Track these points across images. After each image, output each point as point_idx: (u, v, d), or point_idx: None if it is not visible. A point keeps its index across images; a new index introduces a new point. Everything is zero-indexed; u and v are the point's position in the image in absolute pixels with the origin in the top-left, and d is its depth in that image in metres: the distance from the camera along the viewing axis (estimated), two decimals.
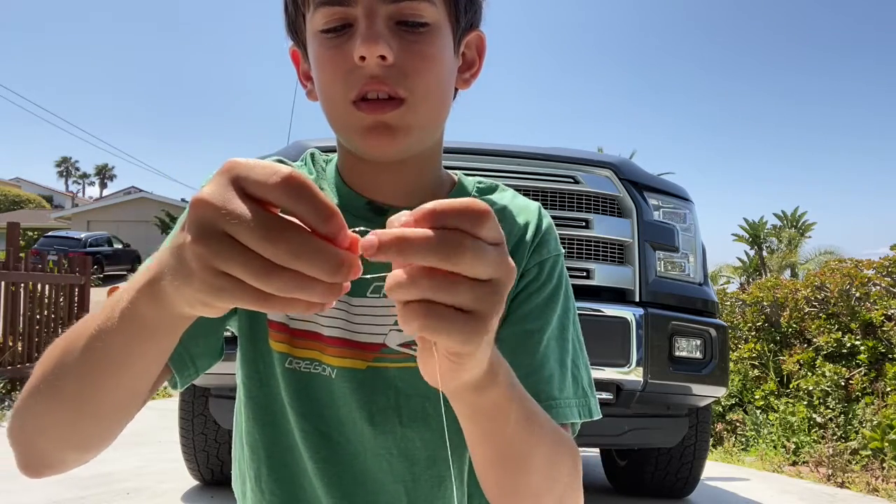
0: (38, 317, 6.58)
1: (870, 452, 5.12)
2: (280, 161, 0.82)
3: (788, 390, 6.54)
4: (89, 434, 0.60)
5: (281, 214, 0.40)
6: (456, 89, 0.79)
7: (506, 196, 0.83)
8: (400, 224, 0.40)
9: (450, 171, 0.84)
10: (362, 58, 0.66)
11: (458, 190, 0.82)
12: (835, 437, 5.51)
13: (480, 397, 0.52)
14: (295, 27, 0.76)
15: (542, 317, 0.74)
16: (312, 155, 0.84)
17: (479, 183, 0.84)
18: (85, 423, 0.59)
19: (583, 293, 2.90)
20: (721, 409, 6.81)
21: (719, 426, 6.50)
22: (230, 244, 0.39)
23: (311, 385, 0.75)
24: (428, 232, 0.39)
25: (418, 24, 0.69)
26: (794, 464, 5.44)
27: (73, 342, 0.56)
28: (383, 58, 0.66)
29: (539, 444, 0.59)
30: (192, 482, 3.55)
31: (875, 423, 5.33)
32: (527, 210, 0.81)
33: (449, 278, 0.40)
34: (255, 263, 0.39)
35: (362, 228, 0.42)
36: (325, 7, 0.69)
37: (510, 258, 0.42)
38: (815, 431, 5.85)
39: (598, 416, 0.76)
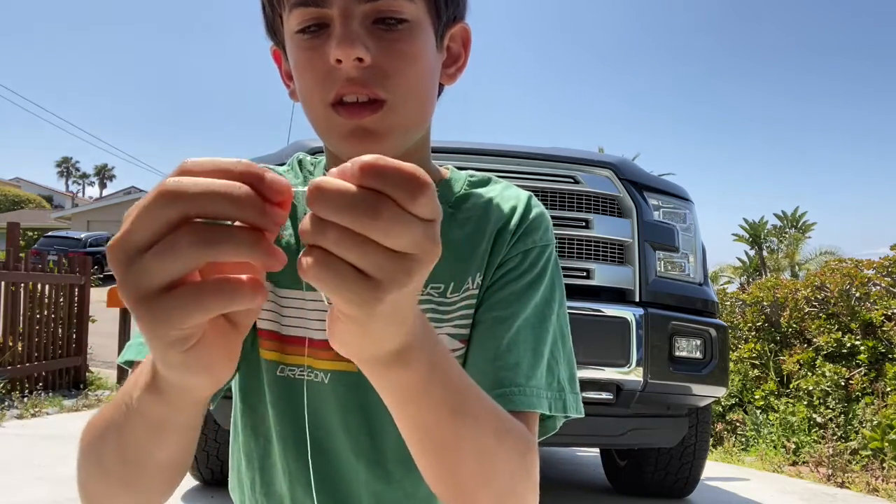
0: (38, 317, 6.56)
1: (870, 452, 5.12)
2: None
3: (788, 390, 6.54)
4: (144, 501, 0.60)
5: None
6: (442, 85, 0.77)
7: (496, 187, 0.81)
8: (335, 174, 0.38)
9: (441, 165, 0.82)
10: (338, 60, 0.64)
11: (447, 183, 0.80)
12: (835, 437, 5.51)
13: (390, 374, 0.49)
14: (273, 28, 0.75)
15: (515, 304, 0.72)
16: (300, 160, 0.82)
17: (471, 176, 0.82)
18: (136, 495, 0.59)
19: (583, 293, 2.91)
20: (721, 409, 6.81)
21: (719, 426, 6.50)
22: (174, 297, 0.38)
23: (303, 391, 0.73)
24: (348, 187, 0.37)
25: (396, 20, 0.67)
26: (794, 464, 5.44)
27: (107, 429, 0.56)
28: (360, 60, 0.64)
29: (469, 437, 0.55)
30: (192, 482, 3.55)
31: (875, 423, 5.33)
32: (515, 199, 0.78)
33: (359, 238, 0.37)
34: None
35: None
36: (299, 8, 0.67)
37: (438, 238, 0.40)
38: (815, 431, 5.85)
39: (575, 413, 0.73)
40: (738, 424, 6.55)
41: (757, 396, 6.68)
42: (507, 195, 0.79)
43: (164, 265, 0.37)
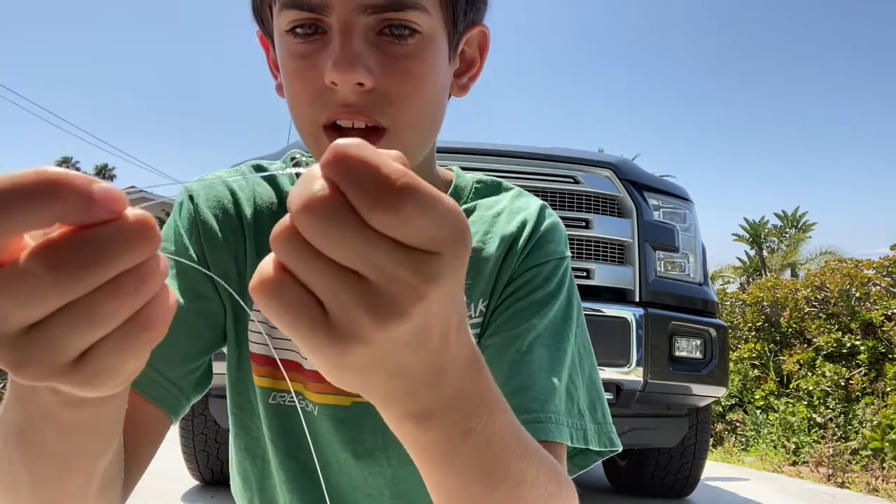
0: None
1: (870, 452, 5.13)
2: (258, 167, 0.74)
3: (788, 390, 6.55)
4: None
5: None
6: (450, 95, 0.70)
7: (506, 197, 0.74)
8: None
9: (446, 167, 0.76)
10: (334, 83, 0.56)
11: (453, 192, 0.72)
12: (835, 437, 5.51)
13: (403, 428, 0.38)
14: (261, 16, 0.66)
15: (527, 320, 0.65)
16: (293, 158, 0.73)
17: (479, 182, 0.75)
18: None
19: (583, 293, 2.89)
20: (721, 409, 6.81)
21: (719, 426, 6.50)
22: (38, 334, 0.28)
23: (296, 420, 0.69)
24: (311, 187, 0.28)
25: (406, 30, 0.58)
26: (794, 464, 5.45)
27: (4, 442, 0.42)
28: (361, 84, 0.56)
29: (503, 502, 0.44)
30: (192, 482, 3.55)
31: (875, 423, 5.33)
32: (525, 211, 0.72)
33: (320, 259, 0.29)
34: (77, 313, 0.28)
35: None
36: (290, 10, 0.58)
37: (433, 276, 0.29)
38: (815, 431, 5.85)
39: (596, 445, 0.64)
40: (738, 424, 6.55)
41: (757, 396, 6.69)
42: (516, 206, 0.72)
43: (30, 312, 0.28)
